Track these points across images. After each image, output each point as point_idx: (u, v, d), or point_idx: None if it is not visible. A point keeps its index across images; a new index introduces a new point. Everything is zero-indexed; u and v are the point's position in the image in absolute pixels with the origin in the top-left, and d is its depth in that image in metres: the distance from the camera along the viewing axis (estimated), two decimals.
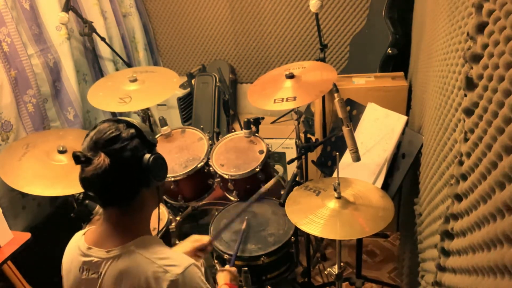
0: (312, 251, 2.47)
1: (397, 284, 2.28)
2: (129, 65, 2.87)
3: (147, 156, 1.07)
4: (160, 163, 1.12)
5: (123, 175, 1.05)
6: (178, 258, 1.09)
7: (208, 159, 2.03)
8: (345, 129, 1.59)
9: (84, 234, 1.16)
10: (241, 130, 2.12)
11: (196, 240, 1.51)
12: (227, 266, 1.60)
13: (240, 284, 1.73)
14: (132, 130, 1.07)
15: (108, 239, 1.10)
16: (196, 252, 1.49)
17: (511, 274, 0.60)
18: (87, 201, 1.94)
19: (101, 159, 1.00)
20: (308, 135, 2.05)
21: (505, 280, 0.62)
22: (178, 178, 1.98)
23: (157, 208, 1.23)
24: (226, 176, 1.95)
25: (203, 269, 1.55)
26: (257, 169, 1.92)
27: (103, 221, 1.13)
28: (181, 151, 2.11)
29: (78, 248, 1.13)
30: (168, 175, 1.51)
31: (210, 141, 2.13)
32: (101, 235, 1.12)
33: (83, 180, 1.04)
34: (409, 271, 1.84)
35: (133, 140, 1.06)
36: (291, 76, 1.90)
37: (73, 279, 1.13)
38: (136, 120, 1.11)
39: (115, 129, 1.05)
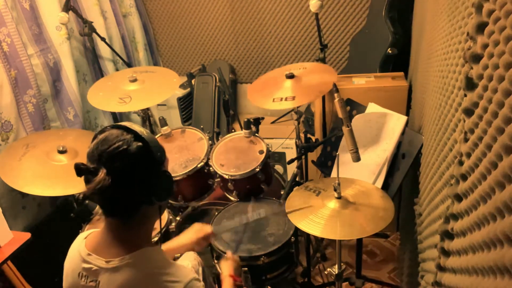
0: (312, 251, 2.47)
1: (397, 284, 2.28)
2: (129, 65, 2.87)
3: (151, 177, 1.04)
4: (165, 183, 1.08)
5: (124, 193, 1.02)
6: (178, 273, 1.07)
7: (208, 159, 2.03)
8: (345, 129, 1.59)
9: (85, 238, 1.15)
10: (241, 130, 2.12)
11: (199, 230, 1.59)
12: (229, 253, 1.63)
13: (240, 284, 1.73)
14: (140, 144, 1.02)
15: (107, 248, 1.08)
16: (199, 241, 1.56)
17: (511, 274, 0.60)
18: (87, 201, 1.94)
19: (102, 177, 0.97)
20: (308, 135, 2.04)
21: (505, 280, 0.62)
22: (178, 178, 1.98)
23: (161, 215, 1.22)
24: (226, 176, 1.95)
25: (200, 269, 1.57)
26: (257, 169, 1.92)
27: (104, 227, 1.11)
28: (181, 151, 2.11)
29: (78, 253, 1.12)
30: None
31: (210, 141, 2.13)
32: (101, 243, 1.10)
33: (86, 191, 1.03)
34: (409, 271, 1.84)
35: (139, 156, 1.02)
36: (291, 76, 1.90)
37: (71, 283, 1.12)
38: (145, 130, 1.06)
39: (122, 142, 1.01)
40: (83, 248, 1.11)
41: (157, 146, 1.06)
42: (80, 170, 1.00)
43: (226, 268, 1.52)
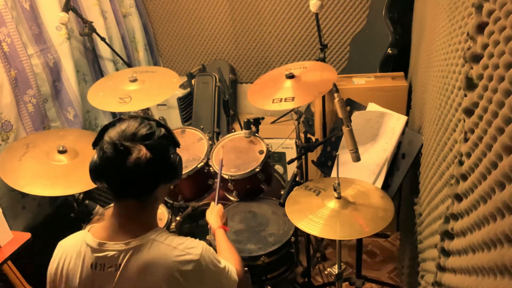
0: (312, 251, 2.47)
1: (397, 284, 2.28)
2: (129, 65, 2.87)
3: (175, 155, 1.17)
4: (180, 164, 1.22)
5: (154, 170, 1.10)
6: (191, 242, 1.16)
7: (208, 159, 2.03)
8: (345, 129, 1.59)
9: (88, 231, 1.17)
10: (241, 130, 2.12)
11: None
12: (213, 204, 1.65)
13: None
14: (163, 130, 1.14)
15: (123, 231, 1.12)
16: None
17: (511, 274, 0.60)
18: (87, 201, 1.94)
19: (143, 151, 1.05)
20: (308, 135, 2.04)
21: (505, 280, 0.62)
22: None
23: (163, 204, 1.29)
24: (226, 176, 1.95)
25: None
26: (257, 169, 1.92)
27: (113, 215, 1.15)
28: (180, 151, 2.09)
29: (86, 245, 1.13)
30: None
31: (210, 141, 2.13)
32: (114, 229, 1.13)
33: (107, 169, 1.08)
34: (409, 271, 1.84)
35: (165, 139, 1.14)
36: (291, 76, 1.90)
37: (82, 277, 1.12)
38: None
39: (150, 126, 1.11)
40: (92, 239, 1.13)
41: (173, 132, 1.19)
42: (116, 146, 1.05)
43: (214, 221, 1.55)
